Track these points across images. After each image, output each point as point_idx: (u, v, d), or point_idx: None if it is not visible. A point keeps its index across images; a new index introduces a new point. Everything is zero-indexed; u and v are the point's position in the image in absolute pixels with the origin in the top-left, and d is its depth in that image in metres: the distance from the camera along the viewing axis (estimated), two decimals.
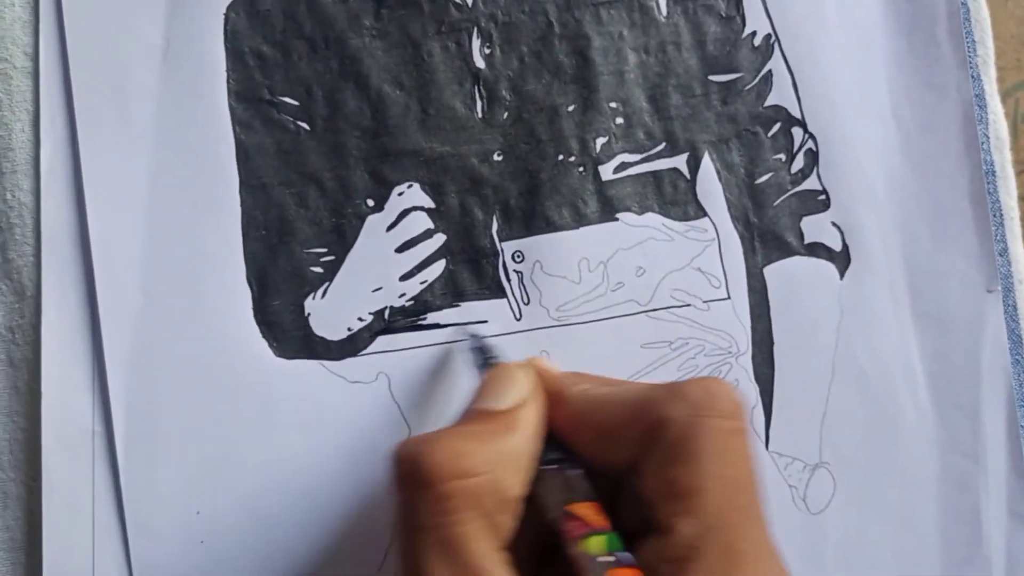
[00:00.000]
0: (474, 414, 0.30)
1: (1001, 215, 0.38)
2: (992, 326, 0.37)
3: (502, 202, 0.38)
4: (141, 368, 0.36)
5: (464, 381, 0.37)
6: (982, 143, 0.38)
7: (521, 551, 0.28)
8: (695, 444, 0.27)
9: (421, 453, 0.27)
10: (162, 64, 0.37)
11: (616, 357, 0.37)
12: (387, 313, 0.37)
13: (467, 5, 0.38)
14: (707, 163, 0.38)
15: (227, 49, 0.37)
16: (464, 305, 0.37)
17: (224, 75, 0.37)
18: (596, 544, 0.27)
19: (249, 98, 0.37)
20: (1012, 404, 0.37)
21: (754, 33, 0.38)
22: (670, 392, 0.28)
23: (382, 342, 0.37)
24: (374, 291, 0.37)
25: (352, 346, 0.37)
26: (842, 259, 0.38)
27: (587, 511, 0.28)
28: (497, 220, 0.38)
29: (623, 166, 0.38)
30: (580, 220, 0.38)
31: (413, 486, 0.27)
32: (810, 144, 0.38)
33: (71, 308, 0.36)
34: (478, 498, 0.27)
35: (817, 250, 0.38)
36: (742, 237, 0.38)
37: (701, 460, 0.27)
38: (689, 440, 0.27)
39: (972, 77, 0.38)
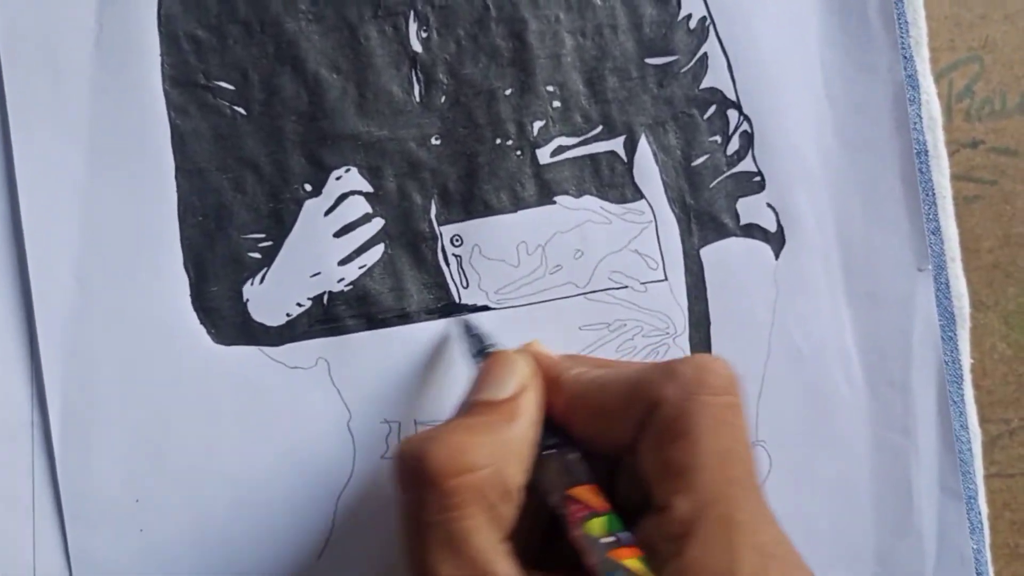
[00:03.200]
0: (475, 406, 0.30)
1: (933, 194, 0.39)
2: (923, 304, 0.38)
3: (440, 186, 0.38)
4: (77, 356, 0.36)
5: (406, 364, 0.37)
6: (914, 123, 0.39)
7: (520, 537, 0.28)
8: (688, 421, 0.28)
9: (424, 451, 0.28)
10: (95, 48, 0.37)
11: (555, 339, 0.38)
12: (326, 298, 0.37)
13: None
14: (644, 146, 0.38)
15: (161, 33, 0.37)
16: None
17: (158, 59, 0.37)
18: (597, 526, 0.28)
19: (184, 83, 0.37)
20: (942, 380, 0.38)
21: (689, 16, 0.39)
22: (663, 372, 0.29)
23: (321, 327, 0.37)
24: (312, 276, 0.37)
25: (291, 331, 0.37)
26: (777, 240, 0.39)
27: (587, 494, 0.29)
28: (435, 204, 0.38)
29: (560, 149, 0.38)
30: (518, 203, 0.38)
31: (417, 484, 0.28)
32: (745, 126, 0.39)
33: (4, 297, 0.36)
34: (482, 492, 0.27)
35: (753, 231, 0.39)
36: (679, 219, 0.38)
37: (695, 437, 0.28)
38: (682, 418, 0.28)
39: (904, 57, 0.39)
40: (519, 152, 0.38)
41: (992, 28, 0.42)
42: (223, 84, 0.37)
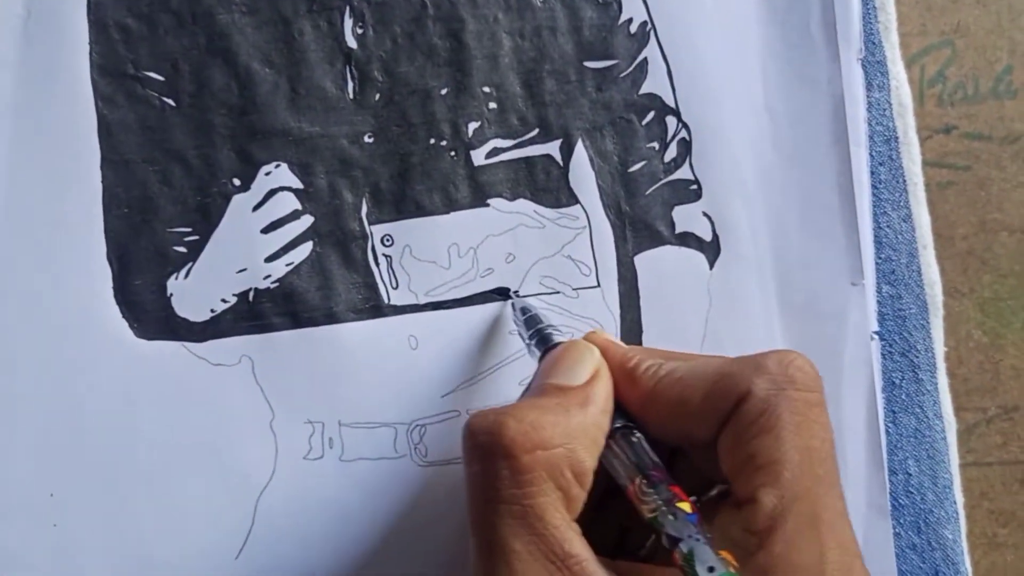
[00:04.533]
0: (549, 388, 0.30)
1: (904, 181, 0.38)
2: (855, 319, 0.38)
3: (372, 185, 0.37)
4: None
5: (332, 365, 0.37)
6: (884, 110, 0.38)
7: (584, 525, 0.28)
8: (775, 416, 0.28)
9: (500, 424, 0.28)
10: (22, 35, 0.36)
11: (485, 343, 0.37)
12: (252, 295, 0.37)
13: None
14: (580, 150, 0.38)
15: (90, 21, 0.36)
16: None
17: (87, 48, 0.36)
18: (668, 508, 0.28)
19: (113, 72, 0.36)
20: (872, 397, 0.38)
21: (630, 20, 0.38)
22: (750, 366, 0.29)
23: (246, 325, 0.36)
24: (239, 272, 0.37)
25: (215, 328, 0.36)
26: (712, 249, 0.38)
27: (657, 475, 0.29)
28: (367, 203, 0.37)
29: (495, 151, 0.38)
30: (451, 205, 0.37)
31: (491, 456, 0.28)
32: (683, 133, 0.38)
33: None
34: (556, 470, 0.28)
35: (688, 240, 0.38)
36: (613, 225, 0.38)
37: (782, 432, 0.27)
38: (769, 412, 0.28)
39: (873, 43, 0.38)
40: (453, 153, 0.37)
41: (964, 12, 0.41)
42: (152, 75, 0.37)
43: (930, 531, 0.39)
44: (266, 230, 0.37)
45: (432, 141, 0.37)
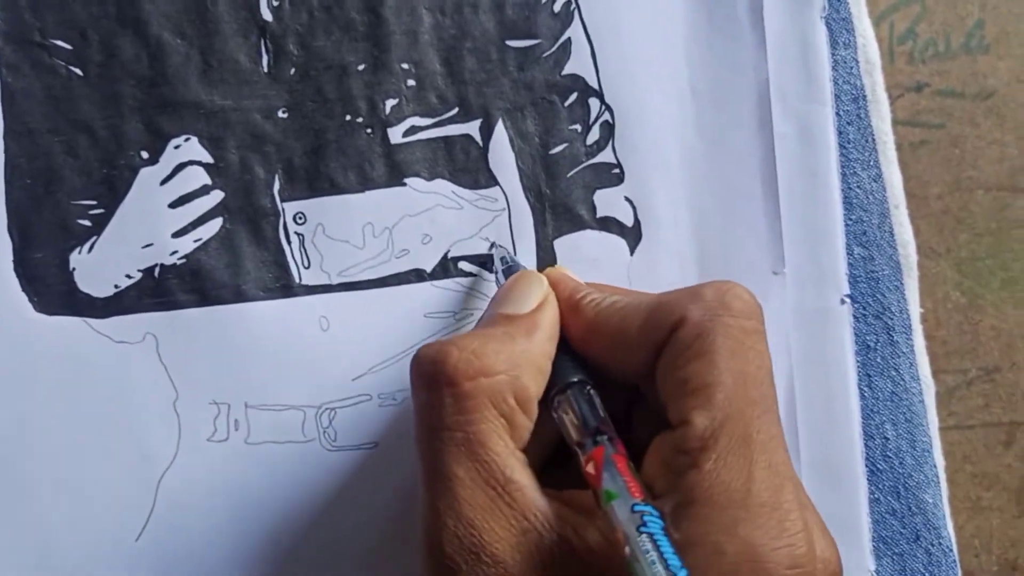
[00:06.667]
0: (495, 318, 0.31)
1: (874, 140, 0.38)
2: (775, 308, 0.37)
3: (285, 161, 0.36)
4: None
5: (240, 344, 0.36)
6: (851, 68, 0.37)
7: (532, 455, 0.29)
8: (710, 341, 0.28)
9: (444, 352, 0.28)
10: None
11: (399, 325, 0.36)
12: (157, 271, 0.36)
13: None
14: (500, 130, 0.37)
15: None
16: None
17: None
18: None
19: (18, 40, 0.35)
20: (790, 390, 0.37)
21: None
22: (686, 294, 0.30)
23: (151, 301, 0.35)
24: (144, 247, 0.36)
25: (119, 304, 0.35)
26: (633, 235, 0.37)
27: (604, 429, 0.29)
28: (279, 179, 0.36)
29: (413, 130, 0.37)
30: (366, 183, 0.36)
31: (434, 385, 0.28)
32: (606, 116, 0.37)
33: None
34: (499, 397, 0.28)
35: (609, 224, 0.37)
36: (533, 208, 0.37)
37: (716, 356, 0.28)
38: (704, 337, 0.28)
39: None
40: (369, 130, 0.36)
41: None
42: (60, 43, 0.36)
43: (910, 496, 0.38)
44: (174, 205, 0.36)
45: (348, 118, 0.36)
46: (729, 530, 0.25)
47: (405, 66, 0.37)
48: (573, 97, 0.37)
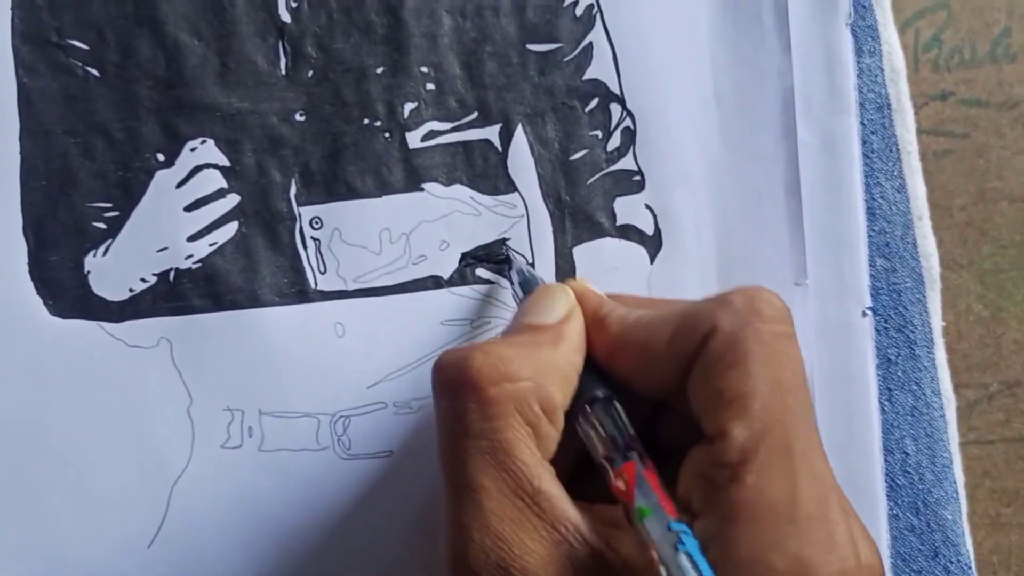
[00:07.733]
0: (520, 327, 0.30)
1: (898, 149, 0.37)
2: (796, 320, 0.36)
3: (302, 164, 0.36)
4: None
5: (254, 350, 0.35)
6: (876, 76, 0.37)
7: (559, 467, 0.28)
8: (742, 349, 0.27)
9: (467, 357, 0.28)
10: None
11: (415, 333, 0.36)
12: (172, 275, 0.35)
13: None
14: (520, 136, 0.37)
15: None
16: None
17: (8, 13, 0.35)
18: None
19: (35, 40, 0.35)
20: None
21: (576, 2, 0.37)
22: (715, 303, 0.28)
23: (166, 306, 0.35)
24: (159, 251, 0.35)
25: (133, 308, 0.35)
26: (654, 243, 0.37)
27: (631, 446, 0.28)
28: (296, 183, 0.36)
29: (432, 134, 0.36)
30: (384, 188, 0.36)
31: (458, 391, 0.27)
32: (628, 122, 0.37)
33: None
34: (525, 404, 0.27)
35: (629, 232, 0.37)
36: (552, 215, 0.37)
37: (750, 364, 0.27)
38: (736, 346, 0.27)
39: (864, 6, 0.37)
40: (388, 134, 0.36)
41: None
42: (76, 43, 0.35)
43: (929, 512, 0.37)
44: (190, 208, 0.35)
45: (366, 121, 0.36)
46: (778, 546, 0.25)
47: (424, 70, 0.36)
48: (594, 102, 0.37)
